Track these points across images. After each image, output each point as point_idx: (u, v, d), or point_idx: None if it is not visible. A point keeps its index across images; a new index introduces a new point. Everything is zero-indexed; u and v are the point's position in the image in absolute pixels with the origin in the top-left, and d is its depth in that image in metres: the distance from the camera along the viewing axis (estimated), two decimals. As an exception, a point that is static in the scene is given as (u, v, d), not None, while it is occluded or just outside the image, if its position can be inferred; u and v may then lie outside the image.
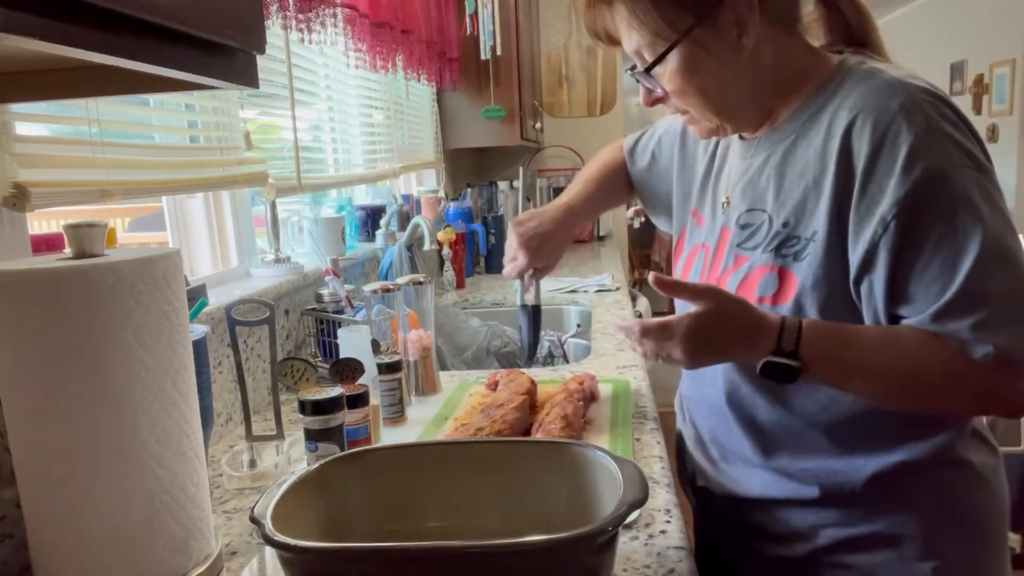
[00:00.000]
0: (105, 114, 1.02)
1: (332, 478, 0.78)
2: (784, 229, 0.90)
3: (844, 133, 0.84)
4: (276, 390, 1.07)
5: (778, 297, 0.89)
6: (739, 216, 0.97)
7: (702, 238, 1.06)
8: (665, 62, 0.89)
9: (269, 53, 1.33)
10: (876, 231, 0.81)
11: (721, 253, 0.99)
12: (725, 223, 1.00)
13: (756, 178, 0.96)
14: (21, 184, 0.85)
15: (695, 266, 1.06)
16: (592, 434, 1.11)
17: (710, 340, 0.85)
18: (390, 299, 1.35)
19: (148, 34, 0.55)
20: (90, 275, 0.64)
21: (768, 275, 0.90)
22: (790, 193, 0.90)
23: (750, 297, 0.91)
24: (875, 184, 0.82)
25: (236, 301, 1.20)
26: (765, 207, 0.93)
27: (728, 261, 0.97)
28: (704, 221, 1.08)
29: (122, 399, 0.66)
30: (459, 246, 2.45)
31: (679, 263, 1.11)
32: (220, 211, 1.53)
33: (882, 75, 0.86)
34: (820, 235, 0.86)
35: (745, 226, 0.96)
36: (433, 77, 2.47)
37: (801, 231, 0.88)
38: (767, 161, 0.95)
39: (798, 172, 0.90)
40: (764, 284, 0.90)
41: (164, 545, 0.70)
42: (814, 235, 0.86)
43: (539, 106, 3.78)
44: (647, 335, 0.86)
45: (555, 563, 0.64)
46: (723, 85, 0.91)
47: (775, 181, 0.93)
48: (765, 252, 0.91)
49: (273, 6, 1.32)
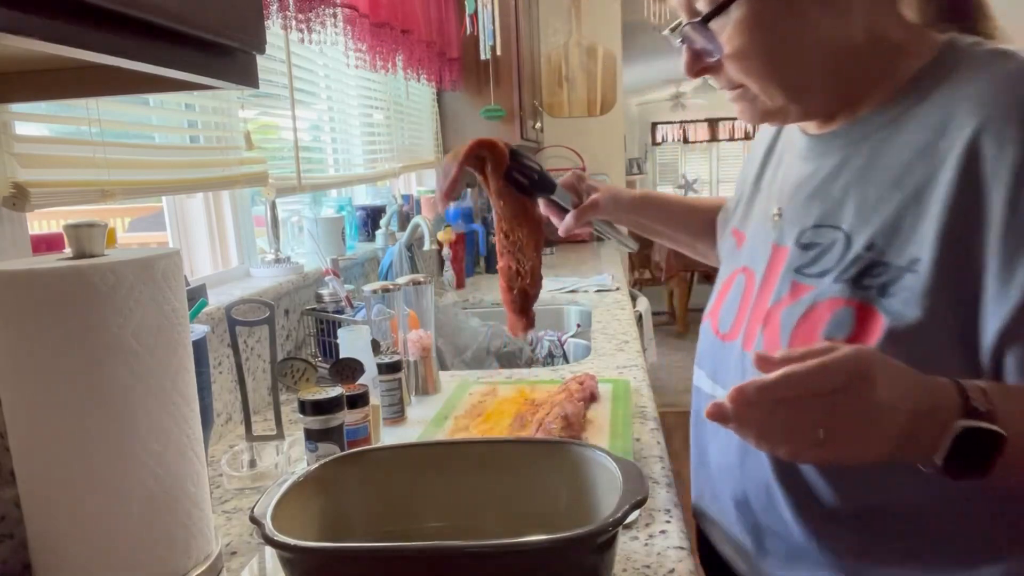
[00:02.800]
0: (105, 114, 1.02)
1: (332, 478, 0.78)
2: (868, 253, 0.69)
3: (973, 134, 0.65)
4: (276, 390, 1.07)
5: (855, 340, 0.68)
6: (801, 233, 0.77)
7: (742, 260, 0.86)
8: (728, 13, 0.70)
9: (269, 53, 1.33)
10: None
11: (772, 279, 0.78)
12: (778, 241, 0.80)
13: (827, 185, 0.76)
14: (21, 184, 0.85)
15: (731, 297, 0.85)
16: (592, 434, 1.11)
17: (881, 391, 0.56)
18: (390, 299, 1.35)
19: (148, 34, 0.55)
20: (90, 275, 0.64)
21: (842, 312, 0.69)
22: (878, 207, 0.70)
23: (811, 339, 0.70)
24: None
25: (236, 301, 1.20)
26: (840, 223, 0.73)
27: (781, 290, 0.76)
28: (746, 240, 0.88)
29: (122, 399, 0.66)
30: (459, 246, 2.45)
31: (712, 297, 0.91)
32: (220, 211, 1.53)
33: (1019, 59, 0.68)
34: (924, 264, 0.65)
35: (809, 246, 0.75)
36: (433, 77, 2.47)
37: (892, 257, 0.68)
38: (845, 163, 0.75)
39: (891, 180, 0.70)
40: (835, 323, 0.69)
41: (164, 545, 0.70)
42: (913, 264, 0.66)
43: (539, 106, 3.78)
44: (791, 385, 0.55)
45: (555, 563, 0.64)
46: (799, 51, 0.71)
47: (857, 190, 0.73)
48: (838, 281, 0.70)
49: (273, 6, 1.32)
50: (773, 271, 0.79)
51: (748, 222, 0.90)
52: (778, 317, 0.74)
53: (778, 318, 0.74)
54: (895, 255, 0.68)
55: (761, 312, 0.77)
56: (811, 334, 0.70)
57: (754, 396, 0.54)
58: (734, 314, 0.83)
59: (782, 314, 0.74)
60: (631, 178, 6.56)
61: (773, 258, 0.80)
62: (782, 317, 0.74)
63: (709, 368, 0.87)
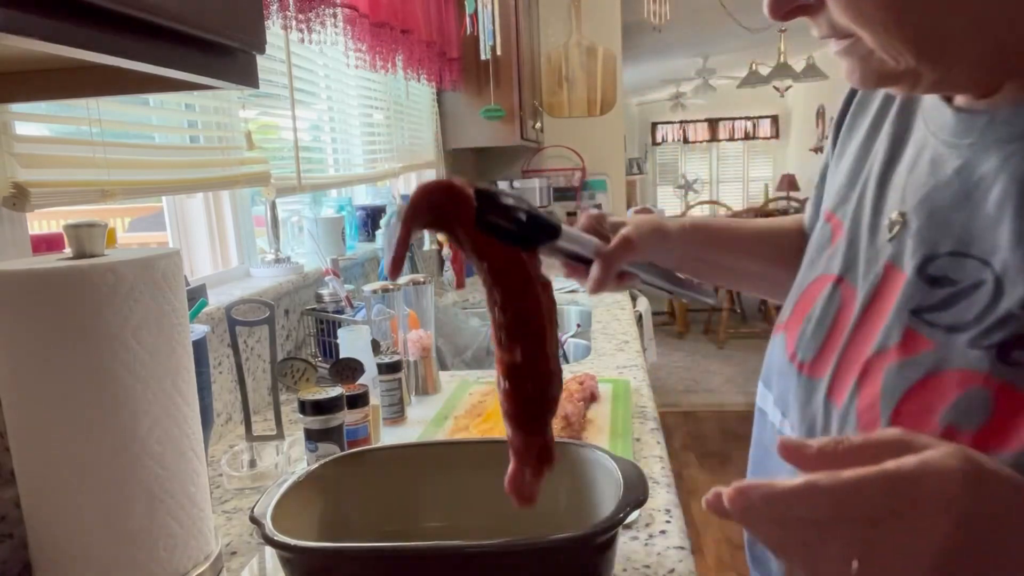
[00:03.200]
0: (105, 114, 1.02)
1: (332, 478, 0.78)
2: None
3: None
4: (276, 390, 1.07)
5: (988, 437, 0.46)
6: (928, 259, 0.54)
7: (836, 266, 0.64)
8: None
9: (269, 53, 1.33)
10: None
11: (879, 314, 0.57)
12: (894, 259, 0.57)
13: (978, 193, 0.52)
14: (21, 184, 0.85)
15: (818, 314, 0.63)
16: (592, 434, 1.11)
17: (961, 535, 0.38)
18: (390, 299, 1.35)
19: (148, 34, 0.55)
20: (90, 275, 0.64)
21: (975, 393, 0.48)
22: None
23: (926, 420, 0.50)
24: None
25: (236, 301, 1.20)
26: (989, 256, 0.50)
27: (891, 335, 0.55)
28: (843, 236, 0.65)
29: (122, 399, 0.66)
30: (459, 246, 2.44)
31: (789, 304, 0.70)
32: (220, 211, 1.53)
33: None
34: None
35: (940, 281, 0.53)
36: (433, 77, 2.47)
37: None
38: (1007, 162, 0.51)
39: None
40: (963, 406, 0.48)
41: (164, 545, 0.70)
42: None
43: (539, 106, 3.78)
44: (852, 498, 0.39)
45: (555, 563, 0.64)
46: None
47: (1016, 208, 0.49)
48: (976, 346, 0.49)
49: (273, 6, 1.32)
50: (882, 302, 0.57)
51: (847, 208, 0.65)
52: (880, 374, 0.54)
53: (880, 375, 0.54)
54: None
55: (859, 356, 0.57)
56: (925, 415, 0.50)
57: (760, 507, 0.40)
58: (820, 342, 0.62)
59: (887, 372, 0.54)
60: (631, 178, 6.56)
61: (884, 282, 0.57)
62: (886, 377, 0.53)
63: (779, 395, 0.67)
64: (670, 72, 8.57)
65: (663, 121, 10.99)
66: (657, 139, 11.10)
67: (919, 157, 0.59)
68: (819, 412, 0.60)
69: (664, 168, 11.15)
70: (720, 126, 10.73)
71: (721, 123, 10.70)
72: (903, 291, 0.55)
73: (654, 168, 11.06)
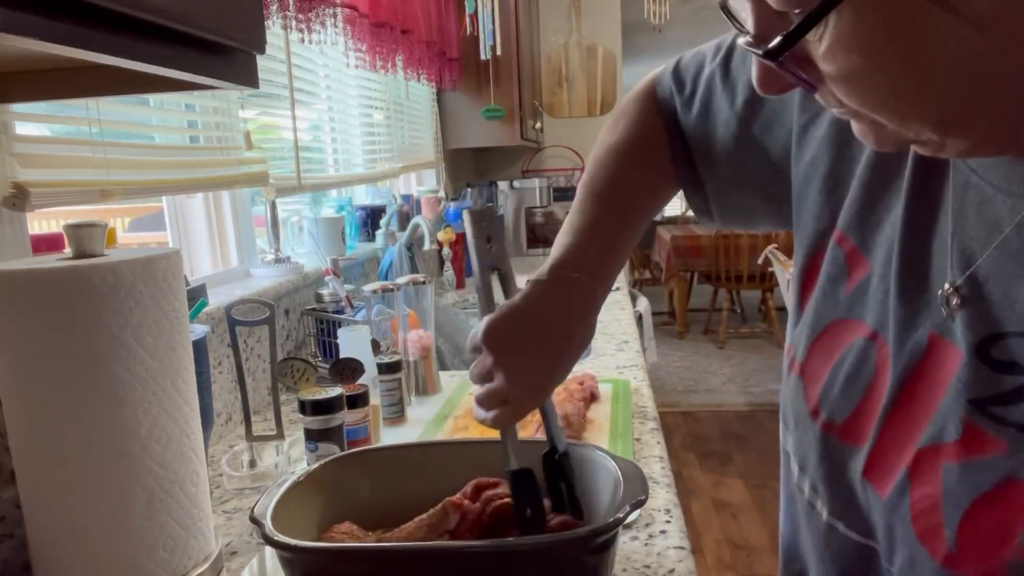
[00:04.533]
0: (105, 114, 1.02)
1: (332, 478, 0.78)
2: None
3: None
4: (276, 390, 1.07)
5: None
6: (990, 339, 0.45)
7: (869, 317, 0.53)
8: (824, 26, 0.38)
9: (269, 53, 1.33)
10: None
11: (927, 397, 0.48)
12: (942, 331, 0.48)
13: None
14: (21, 184, 0.85)
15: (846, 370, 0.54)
16: (592, 434, 1.11)
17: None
18: (390, 299, 1.35)
19: (148, 34, 0.55)
20: (90, 275, 0.64)
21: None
22: None
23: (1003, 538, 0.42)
24: None
25: (236, 301, 1.20)
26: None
27: (946, 427, 0.46)
28: (865, 275, 0.54)
29: (122, 399, 0.66)
30: (459, 246, 2.45)
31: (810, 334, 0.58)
32: (220, 211, 1.53)
33: None
34: None
35: (1007, 367, 0.44)
36: (433, 77, 2.47)
37: None
38: None
39: None
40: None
41: (164, 545, 0.70)
42: None
43: (539, 106, 3.78)
44: None
45: (555, 563, 0.64)
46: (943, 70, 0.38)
47: None
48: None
49: (273, 6, 1.32)
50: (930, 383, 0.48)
51: (868, 239, 0.54)
52: (939, 472, 0.46)
53: (939, 473, 0.46)
54: None
55: (906, 440, 0.48)
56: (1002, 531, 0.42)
57: None
58: (854, 405, 0.53)
59: (947, 472, 0.45)
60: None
61: (930, 356, 0.48)
62: (948, 477, 0.45)
63: (796, 446, 0.59)
64: (670, 72, 8.55)
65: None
66: (657, 139, 11.07)
67: (964, 201, 0.48)
68: (857, 491, 0.52)
69: (664, 168, 11.13)
70: (720, 126, 10.71)
71: (721, 123, 10.69)
72: (959, 375, 0.45)
73: (654, 168, 11.05)
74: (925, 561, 0.46)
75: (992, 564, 0.43)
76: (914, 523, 0.47)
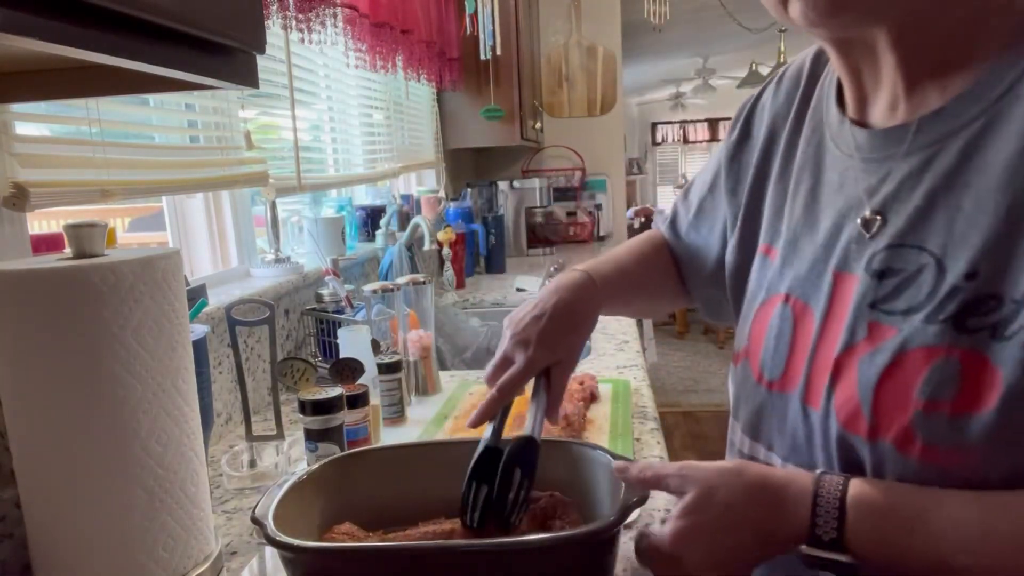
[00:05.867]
0: (105, 114, 1.02)
1: (332, 478, 0.78)
2: (968, 284, 0.54)
3: None
4: (276, 390, 1.07)
5: (965, 401, 0.53)
6: (872, 256, 0.60)
7: (782, 286, 0.69)
8: None
9: (269, 53, 1.33)
10: None
11: (838, 317, 0.62)
12: (841, 266, 0.63)
13: (904, 192, 0.59)
14: (21, 184, 0.85)
15: (775, 334, 0.68)
16: (592, 434, 1.11)
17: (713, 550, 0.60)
18: (390, 299, 1.35)
19: (148, 34, 0.55)
20: (90, 275, 0.64)
21: (942, 363, 0.54)
22: (977, 220, 0.54)
23: (905, 399, 0.55)
24: None
25: (236, 301, 1.20)
26: (924, 242, 0.57)
27: (855, 332, 0.60)
28: (777, 259, 0.71)
29: (122, 399, 0.66)
30: (459, 246, 2.45)
31: (747, 324, 0.73)
32: (220, 211, 1.53)
33: None
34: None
35: (886, 273, 0.59)
36: (433, 77, 2.47)
37: (1007, 289, 0.52)
38: (928, 165, 0.58)
39: (996, 185, 0.54)
40: (935, 378, 0.54)
41: (164, 545, 0.70)
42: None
43: (539, 106, 3.78)
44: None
45: (555, 563, 0.64)
46: None
47: (945, 198, 0.56)
48: (932, 322, 0.55)
49: (273, 6, 1.32)
50: (840, 306, 0.62)
51: (779, 236, 0.71)
52: (854, 368, 0.59)
53: (854, 369, 0.59)
54: (1010, 287, 0.52)
55: (827, 359, 0.61)
56: (904, 393, 0.55)
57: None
58: (784, 357, 0.66)
59: (860, 364, 0.58)
60: (631, 178, 6.55)
61: (837, 289, 0.62)
62: (860, 368, 0.58)
63: (747, 420, 0.71)
64: (670, 72, 8.57)
65: (663, 121, 10.98)
66: (657, 139, 11.10)
67: (842, 174, 0.66)
68: (799, 422, 0.64)
69: (664, 168, 11.15)
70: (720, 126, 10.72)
71: (721, 123, 10.70)
72: (857, 290, 0.61)
73: (654, 168, 11.06)
74: (854, 443, 0.58)
75: (903, 422, 0.55)
76: (839, 415, 0.59)
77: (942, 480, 0.54)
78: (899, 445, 0.55)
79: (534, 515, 0.73)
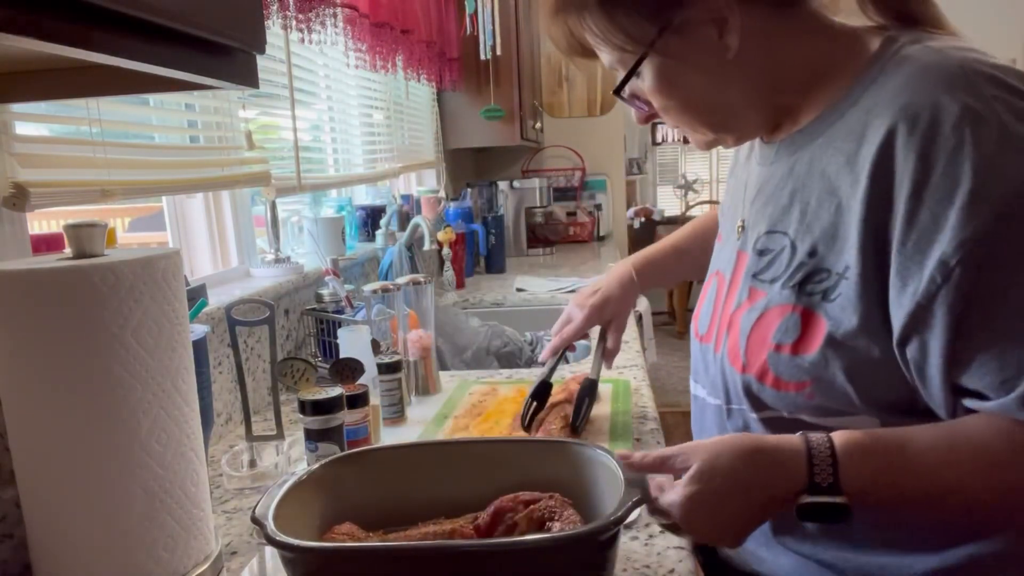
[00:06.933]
0: (105, 114, 1.02)
1: (332, 478, 0.78)
2: (810, 260, 0.72)
3: (884, 139, 0.66)
4: (276, 390, 1.07)
5: (800, 345, 0.72)
6: (757, 239, 0.80)
7: (717, 265, 0.90)
8: (639, 78, 0.78)
9: (269, 53, 1.33)
10: (932, 279, 0.62)
11: (736, 284, 0.82)
12: (741, 247, 0.83)
13: (777, 192, 0.79)
14: (21, 184, 0.85)
15: (707, 301, 0.89)
16: (592, 434, 1.11)
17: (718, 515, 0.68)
18: (390, 299, 1.35)
19: (148, 34, 0.55)
20: (90, 275, 0.64)
21: (788, 317, 0.73)
22: (818, 213, 0.72)
23: (764, 343, 0.75)
24: (927, 214, 0.63)
25: (236, 301, 1.20)
26: (787, 229, 0.76)
27: (742, 295, 0.80)
28: (720, 243, 0.92)
29: (122, 399, 0.66)
30: (459, 246, 2.45)
31: (699, 301, 0.94)
32: (220, 211, 1.53)
33: (936, 56, 0.67)
34: (852, 272, 0.68)
35: (763, 252, 0.78)
36: (433, 77, 2.47)
37: (831, 263, 0.70)
38: (791, 170, 0.77)
39: (826, 187, 0.72)
40: (783, 328, 0.73)
41: (164, 545, 0.70)
42: (847, 270, 0.69)
43: (539, 106, 3.78)
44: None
45: (556, 562, 0.64)
46: (710, 95, 0.77)
47: (799, 196, 0.75)
48: (785, 288, 0.74)
49: (273, 6, 1.32)
50: (737, 276, 0.82)
51: (723, 225, 0.93)
52: (739, 321, 0.79)
53: (739, 322, 0.79)
54: (833, 262, 0.70)
55: (727, 316, 0.82)
56: (764, 339, 0.75)
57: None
58: (709, 316, 0.87)
59: (742, 319, 0.78)
60: (631, 178, 6.55)
61: (738, 263, 0.83)
62: (741, 322, 0.78)
63: (693, 367, 0.93)
64: (670, 72, 8.54)
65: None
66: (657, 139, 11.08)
67: (750, 175, 0.87)
68: (712, 364, 0.84)
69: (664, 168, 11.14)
70: (720, 126, 10.70)
71: (721, 123, 10.68)
72: (747, 265, 0.81)
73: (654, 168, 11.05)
74: (734, 376, 0.79)
75: (761, 360, 0.75)
76: (728, 356, 0.80)
77: (789, 405, 0.74)
78: (759, 377, 0.75)
79: (534, 515, 0.73)
